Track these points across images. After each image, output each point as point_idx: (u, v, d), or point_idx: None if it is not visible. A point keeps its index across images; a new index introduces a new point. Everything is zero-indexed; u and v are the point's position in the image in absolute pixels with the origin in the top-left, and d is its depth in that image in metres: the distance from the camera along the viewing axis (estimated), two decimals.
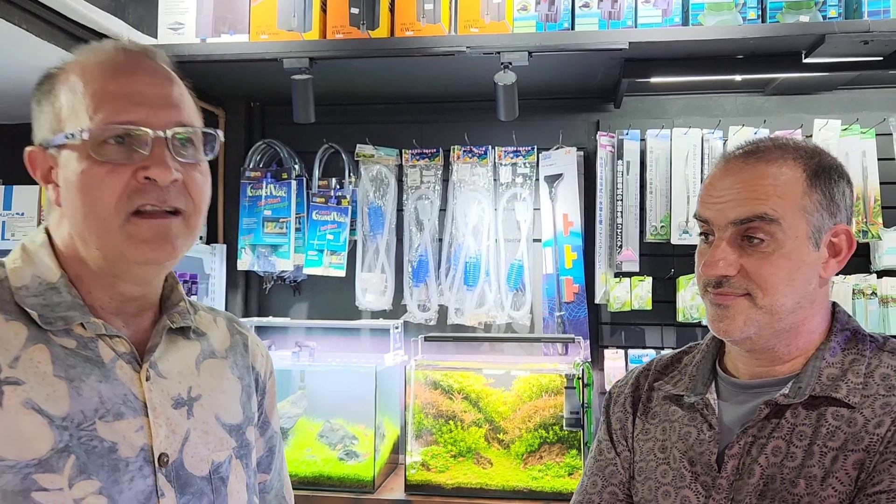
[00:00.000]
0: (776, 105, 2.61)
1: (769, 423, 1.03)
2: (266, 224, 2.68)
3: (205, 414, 0.99)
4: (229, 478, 0.99)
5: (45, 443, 0.82)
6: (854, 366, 1.03)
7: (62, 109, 0.89)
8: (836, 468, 0.96)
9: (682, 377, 1.17)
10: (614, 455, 1.19)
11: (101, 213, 0.87)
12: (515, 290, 2.66)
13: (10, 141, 3.00)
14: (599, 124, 2.67)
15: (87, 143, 0.86)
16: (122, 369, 0.91)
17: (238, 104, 2.82)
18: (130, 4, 2.32)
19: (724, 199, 1.04)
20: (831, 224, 1.04)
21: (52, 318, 0.87)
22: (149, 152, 0.87)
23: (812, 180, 1.03)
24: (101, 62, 0.90)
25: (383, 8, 2.25)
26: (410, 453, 2.33)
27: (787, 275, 1.01)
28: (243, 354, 1.10)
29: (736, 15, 2.09)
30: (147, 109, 0.88)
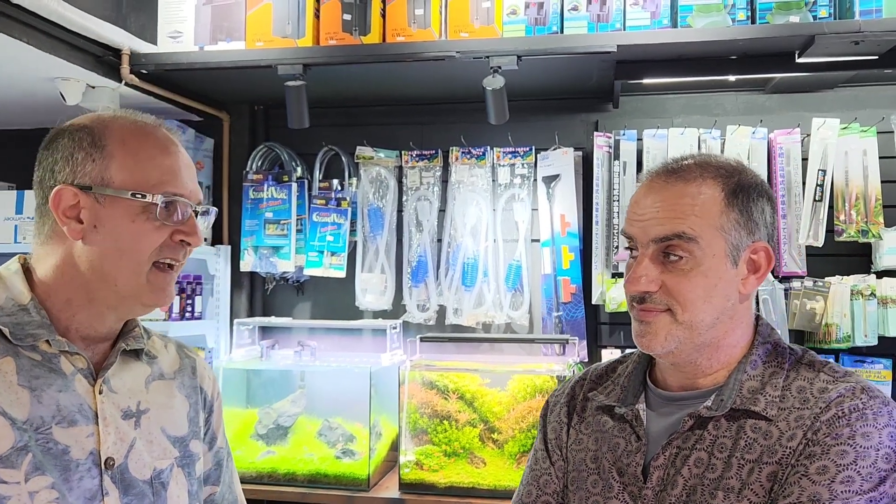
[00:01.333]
0: (777, 103, 2.58)
1: (693, 435, 1.05)
2: (267, 226, 2.74)
3: (151, 426, 1.11)
4: (170, 483, 1.10)
5: (6, 442, 0.94)
6: (773, 379, 1.05)
7: (116, 167, 1.03)
8: (751, 480, 0.98)
9: (614, 387, 1.19)
10: (549, 465, 1.20)
11: (138, 259, 1.03)
12: (514, 290, 2.68)
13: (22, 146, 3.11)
14: (598, 124, 2.67)
15: (153, 204, 1.03)
16: (79, 382, 1.03)
17: (241, 108, 2.87)
18: (132, 14, 2.38)
19: (646, 216, 1.06)
20: (749, 242, 1.06)
21: (21, 335, 1.00)
22: (187, 221, 1.07)
23: (730, 199, 1.05)
24: (149, 135, 1.07)
25: (375, 14, 2.27)
26: (405, 452, 2.37)
27: (704, 292, 1.03)
28: (191, 376, 1.23)
29: (725, 16, 2.07)
30: (190, 188, 1.08)
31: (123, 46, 2.32)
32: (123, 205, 1.02)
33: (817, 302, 2.38)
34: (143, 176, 1.03)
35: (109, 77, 2.35)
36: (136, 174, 1.03)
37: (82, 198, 1.01)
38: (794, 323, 2.41)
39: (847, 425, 0.96)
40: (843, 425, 0.96)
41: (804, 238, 2.40)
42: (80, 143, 1.04)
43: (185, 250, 1.08)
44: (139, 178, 1.03)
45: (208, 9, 2.39)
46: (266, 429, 2.54)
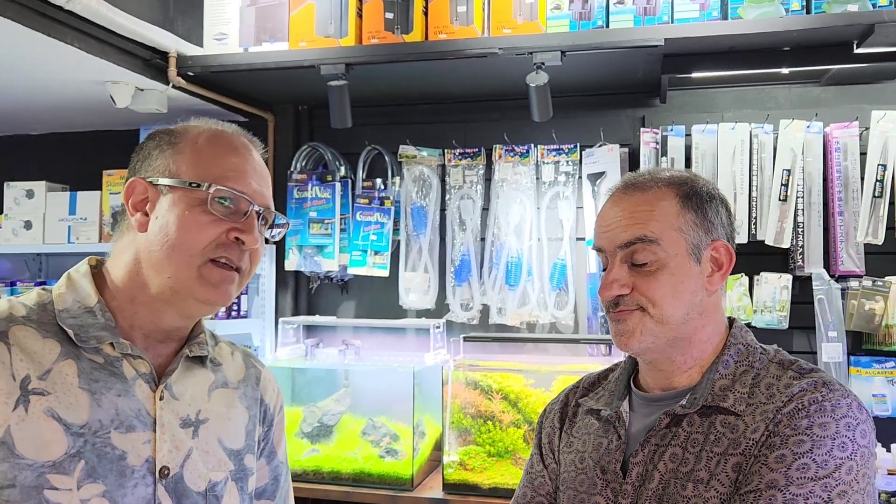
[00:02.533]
0: (833, 95, 2.49)
1: (669, 432, 1.11)
2: (312, 225, 2.75)
3: (209, 436, 1.09)
4: (224, 497, 1.08)
5: (60, 447, 0.94)
6: (743, 377, 1.11)
7: (183, 160, 1.05)
8: (718, 471, 1.04)
9: (604, 393, 1.27)
10: (542, 468, 1.28)
11: (189, 251, 1.02)
12: (558, 289, 2.64)
13: (76, 149, 3.20)
14: (645, 120, 2.62)
15: (207, 194, 1.03)
16: (140, 387, 1.03)
17: (286, 108, 2.90)
18: (179, 18, 2.42)
19: (611, 227, 1.15)
20: (708, 240, 1.14)
21: (86, 337, 1.00)
22: (245, 219, 1.05)
23: (684, 202, 1.13)
24: (227, 137, 1.09)
25: (417, 12, 2.26)
26: (448, 452, 2.36)
27: (672, 288, 1.11)
28: (254, 387, 1.21)
29: (778, 6, 2.00)
30: (254, 188, 1.07)
31: (171, 49, 2.36)
32: (181, 195, 1.03)
33: (877, 302, 2.29)
34: (206, 169, 1.04)
35: (157, 80, 2.39)
36: (199, 167, 1.04)
37: (150, 190, 1.04)
38: (851, 324, 2.32)
39: (806, 417, 1.02)
40: (801, 417, 1.02)
41: (862, 236, 2.31)
42: (160, 142, 1.08)
43: (244, 253, 1.06)
44: (201, 170, 1.04)
45: (252, 10, 2.41)
46: (311, 427, 2.56)
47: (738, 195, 2.40)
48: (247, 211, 1.05)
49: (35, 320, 1.00)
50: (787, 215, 2.36)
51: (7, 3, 1.84)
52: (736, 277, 2.42)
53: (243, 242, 1.04)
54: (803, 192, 2.38)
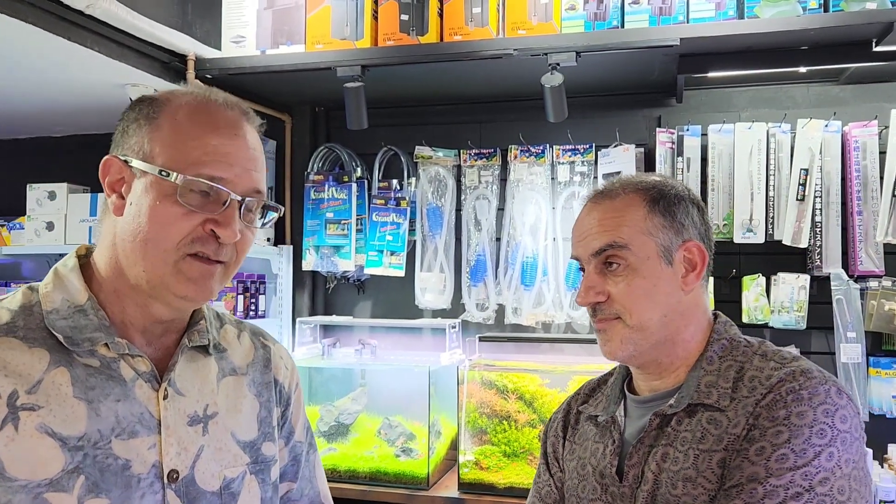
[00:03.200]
0: (852, 94, 2.47)
1: (661, 433, 1.12)
2: (328, 226, 2.77)
3: (219, 431, 1.02)
4: (241, 493, 1.02)
5: (56, 464, 0.87)
6: (727, 372, 1.12)
7: (158, 140, 0.94)
8: (704, 468, 1.05)
9: (602, 398, 1.28)
10: (548, 476, 1.31)
11: (162, 246, 0.93)
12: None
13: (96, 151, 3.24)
14: (661, 120, 2.61)
15: (176, 185, 0.92)
16: (140, 388, 0.95)
17: (303, 110, 2.92)
18: (197, 21, 2.45)
19: (584, 235, 1.18)
20: (679, 241, 1.15)
21: (78, 340, 0.93)
22: (222, 210, 0.94)
23: (651, 206, 1.15)
24: (210, 112, 0.97)
25: (432, 13, 2.27)
26: (464, 452, 2.37)
27: (645, 292, 1.13)
28: (263, 370, 1.13)
29: (795, 5, 1.99)
30: (236, 171, 0.95)
31: (189, 52, 2.39)
32: (152, 181, 0.93)
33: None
34: (181, 153, 0.93)
35: (176, 82, 2.41)
36: (174, 150, 0.93)
37: (125, 171, 0.95)
38: (870, 324, 2.30)
39: (783, 407, 1.02)
40: (779, 407, 1.02)
41: (882, 235, 2.28)
42: (139, 114, 0.97)
43: (222, 247, 0.95)
44: (175, 154, 0.93)
45: (269, 13, 2.43)
46: (327, 426, 2.58)
47: (755, 195, 2.39)
48: (225, 201, 0.94)
49: (21, 327, 0.92)
50: (805, 215, 2.34)
51: (29, 9, 1.87)
52: (753, 277, 2.41)
53: (219, 237, 0.94)
54: (821, 191, 2.36)
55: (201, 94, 0.99)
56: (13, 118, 2.95)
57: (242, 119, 1.00)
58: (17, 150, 3.30)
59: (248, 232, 0.99)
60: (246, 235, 0.99)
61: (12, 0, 1.82)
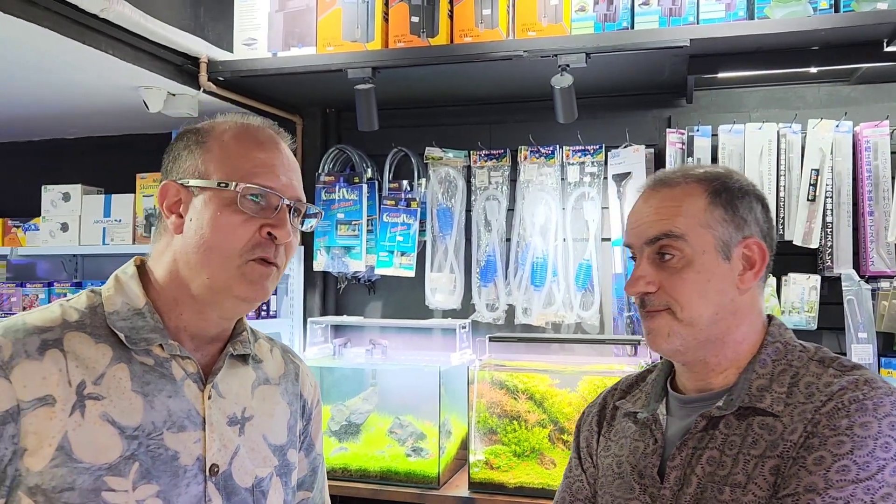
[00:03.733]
0: (863, 94, 2.46)
1: (707, 435, 1.09)
2: (339, 226, 2.79)
3: (254, 433, 1.11)
4: (269, 492, 1.11)
5: (115, 451, 0.96)
6: (781, 376, 1.08)
7: (211, 160, 1.06)
8: (755, 474, 1.01)
9: (641, 395, 1.25)
10: (581, 472, 1.27)
11: (226, 252, 1.03)
12: (584, 289, 2.65)
13: (110, 152, 3.28)
14: (671, 120, 2.61)
15: (236, 193, 1.03)
16: (189, 387, 1.05)
17: (314, 111, 2.94)
18: (209, 24, 2.47)
19: (639, 223, 1.15)
20: (740, 237, 1.10)
21: (136, 339, 1.02)
22: (276, 214, 1.05)
23: (713, 198, 1.11)
24: (253, 132, 1.09)
25: (443, 15, 2.29)
26: (474, 451, 2.38)
27: (698, 287, 1.09)
28: (294, 382, 1.23)
29: (806, 6, 1.99)
30: (283, 182, 1.07)
31: (202, 55, 2.41)
32: (211, 195, 1.03)
33: None
34: (234, 167, 1.04)
35: (189, 85, 2.44)
36: (227, 166, 1.04)
37: (183, 192, 1.05)
38: (882, 325, 2.29)
39: (846, 416, 0.98)
40: (841, 416, 0.98)
41: (893, 235, 2.28)
42: (188, 143, 1.08)
43: (278, 249, 1.06)
44: (229, 169, 1.04)
45: (281, 16, 2.45)
46: (339, 425, 2.60)
47: (766, 195, 2.38)
48: (277, 205, 1.04)
49: (87, 324, 1.01)
50: (816, 215, 2.34)
51: (44, 13, 1.90)
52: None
53: (276, 238, 1.04)
54: (832, 191, 2.36)
55: (241, 119, 1.11)
56: (28, 120, 2.98)
57: (278, 137, 1.12)
58: (32, 151, 3.34)
59: (293, 236, 1.10)
60: (292, 240, 1.09)
61: (29, 5, 1.84)
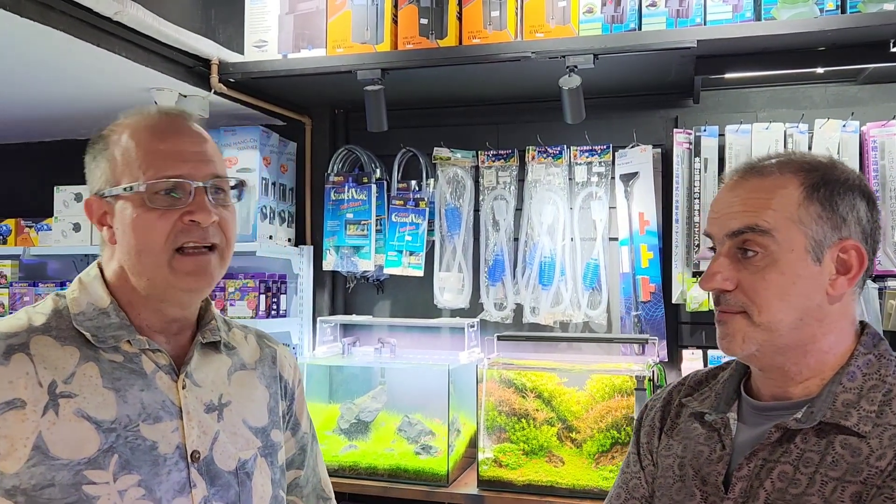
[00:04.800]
0: (870, 94, 2.47)
1: (780, 447, 1.00)
2: (348, 226, 2.82)
3: (233, 418, 1.14)
4: (254, 473, 1.13)
5: (93, 445, 0.99)
6: (871, 392, 0.98)
7: (117, 166, 1.06)
8: (833, 498, 0.93)
9: (710, 394, 1.16)
10: (639, 469, 1.20)
11: (152, 250, 1.04)
12: (591, 289, 2.67)
13: None
14: (678, 120, 2.62)
15: (143, 193, 1.03)
16: (161, 379, 1.07)
17: (323, 112, 2.96)
18: (220, 26, 2.50)
19: (722, 213, 1.05)
20: (835, 238, 1.00)
21: (103, 338, 1.04)
22: (192, 200, 1.05)
23: (810, 192, 1.00)
24: (149, 126, 1.08)
25: (451, 17, 2.31)
26: (483, 449, 2.40)
27: (779, 290, 0.99)
28: (271, 366, 1.25)
29: (812, 7, 2.00)
30: (190, 165, 1.06)
31: (213, 57, 2.44)
32: (124, 201, 1.04)
33: None
34: (137, 167, 1.04)
35: (200, 86, 2.47)
36: (131, 167, 1.04)
37: (105, 204, 1.07)
38: (889, 324, 2.30)
39: None
40: None
41: None
42: (96, 153, 1.09)
43: (208, 230, 1.06)
44: (133, 170, 1.04)
45: (291, 18, 2.47)
46: (348, 423, 2.62)
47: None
48: (190, 191, 1.04)
49: (53, 327, 1.04)
50: None
51: (60, 16, 1.93)
52: None
53: (198, 222, 1.04)
54: None
55: (139, 114, 1.11)
56: (41, 121, 3.02)
57: (180, 120, 1.11)
58: (45, 152, 3.38)
59: (225, 212, 1.10)
60: (224, 216, 1.09)
61: (45, 8, 1.87)
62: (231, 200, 1.12)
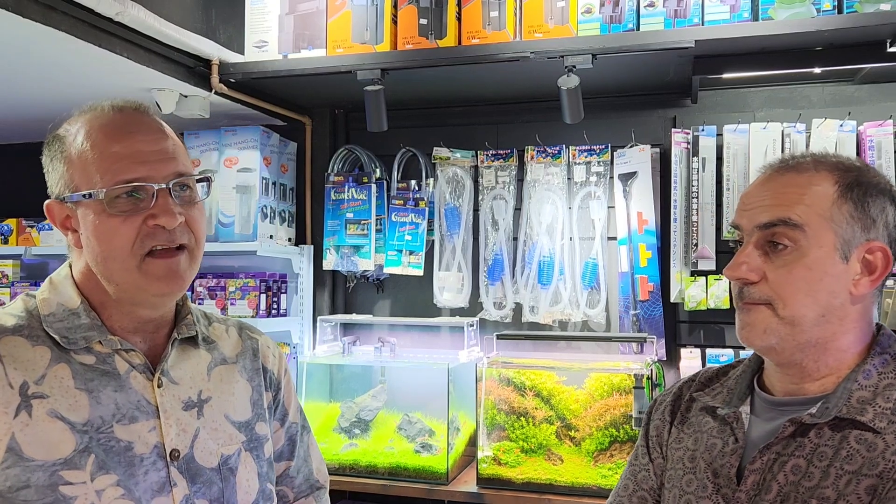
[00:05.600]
0: (867, 94, 2.48)
1: (793, 442, 1.02)
2: (348, 226, 2.83)
3: (214, 413, 1.12)
4: (238, 468, 1.12)
5: (68, 445, 0.97)
6: (887, 390, 1.00)
7: (74, 170, 1.03)
8: (848, 492, 0.95)
9: (722, 390, 1.18)
10: (648, 461, 1.22)
11: (119, 257, 1.01)
12: (590, 288, 2.68)
13: None
14: (676, 120, 2.64)
15: (102, 201, 1.00)
16: (135, 379, 1.05)
17: (323, 112, 2.97)
18: (220, 26, 2.51)
19: (753, 204, 1.06)
20: (864, 239, 1.02)
21: (74, 339, 1.02)
22: (154, 203, 1.01)
23: (844, 191, 1.02)
24: (103, 125, 1.03)
25: (451, 17, 2.32)
26: (482, 448, 2.41)
27: (806, 285, 1.00)
28: (252, 359, 1.23)
29: (809, 7, 2.01)
30: (149, 166, 1.02)
31: (213, 57, 2.45)
32: (85, 207, 1.01)
33: None
34: (94, 172, 1.00)
35: (200, 86, 2.48)
36: (88, 172, 1.01)
37: (66, 208, 1.04)
38: (886, 322, 2.31)
39: None
40: None
41: None
42: (52, 154, 1.05)
43: (175, 231, 1.02)
44: (90, 175, 1.00)
45: (291, 18, 2.48)
46: (348, 422, 2.63)
47: None
48: (153, 194, 1.01)
49: (25, 327, 1.02)
50: None
51: (61, 17, 1.94)
52: None
53: (163, 226, 1.01)
54: None
55: (92, 111, 1.06)
56: (43, 121, 3.00)
57: (136, 115, 1.06)
58: None
59: (192, 210, 1.06)
60: (192, 214, 1.06)
61: (47, 9, 1.88)
62: (199, 197, 1.08)
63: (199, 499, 1.05)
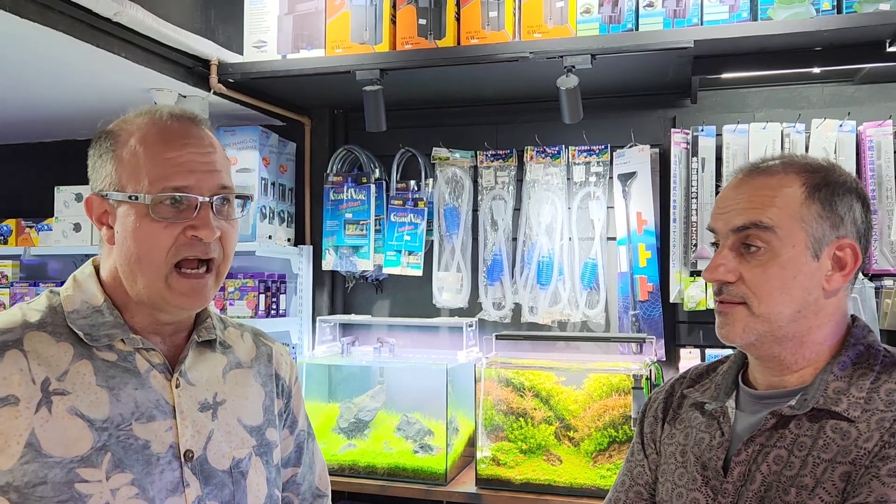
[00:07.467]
0: (867, 94, 2.48)
1: (775, 433, 1.06)
2: (347, 226, 2.83)
3: (228, 416, 1.14)
4: (249, 472, 1.13)
5: (86, 443, 0.98)
6: (860, 380, 1.04)
7: (123, 170, 1.05)
8: (824, 479, 0.99)
9: (710, 385, 1.22)
10: (643, 457, 1.27)
11: (153, 261, 1.03)
12: (589, 288, 2.68)
13: None
14: (675, 120, 2.63)
15: (147, 205, 1.02)
16: (155, 378, 1.07)
17: (322, 112, 2.97)
18: (220, 27, 2.51)
19: (727, 209, 1.10)
20: (833, 237, 1.07)
21: (97, 336, 1.04)
22: (196, 214, 1.04)
23: (812, 192, 1.06)
24: (160, 131, 1.06)
25: (450, 18, 2.32)
26: (481, 448, 2.41)
27: (781, 283, 1.05)
28: (266, 364, 1.25)
29: (808, 7, 2.01)
30: (196, 176, 1.05)
31: (212, 57, 2.45)
32: (128, 207, 1.03)
33: None
34: (143, 175, 1.02)
35: (199, 87, 2.48)
36: (138, 174, 1.03)
37: (105, 204, 1.06)
38: (885, 323, 2.31)
39: None
40: None
41: None
42: (101, 149, 1.07)
43: (209, 245, 1.04)
44: (139, 177, 1.02)
45: (290, 19, 2.48)
46: (347, 423, 2.63)
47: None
48: (196, 205, 1.03)
49: (49, 324, 1.03)
50: None
51: (60, 17, 1.94)
52: None
53: (200, 238, 1.03)
54: None
55: (149, 116, 1.08)
56: (41, 122, 3.03)
57: (191, 126, 1.08)
58: (45, 153, 3.39)
59: (228, 226, 1.09)
60: (227, 230, 1.08)
61: (45, 9, 1.88)
62: (235, 214, 1.11)
63: (211, 500, 1.07)
